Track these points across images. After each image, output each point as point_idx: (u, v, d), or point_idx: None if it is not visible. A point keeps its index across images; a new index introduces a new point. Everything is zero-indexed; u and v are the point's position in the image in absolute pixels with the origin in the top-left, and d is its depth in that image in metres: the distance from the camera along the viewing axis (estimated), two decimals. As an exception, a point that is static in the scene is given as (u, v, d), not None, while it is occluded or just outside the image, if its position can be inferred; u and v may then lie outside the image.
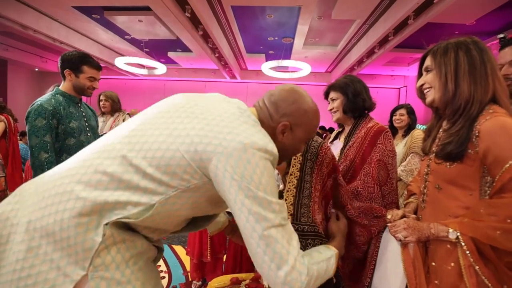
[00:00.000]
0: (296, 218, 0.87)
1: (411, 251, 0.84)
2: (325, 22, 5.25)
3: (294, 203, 0.90)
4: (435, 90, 0.86)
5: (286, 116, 0.75)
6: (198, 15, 4.49)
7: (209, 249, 1.91)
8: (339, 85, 1.30)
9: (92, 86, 1.60)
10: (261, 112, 0.77)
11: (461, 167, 0.80)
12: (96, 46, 6.93)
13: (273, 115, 0.75)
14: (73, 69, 1.54)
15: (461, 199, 0.81)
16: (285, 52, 6.94)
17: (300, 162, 0.96)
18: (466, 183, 0.80)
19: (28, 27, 5.08)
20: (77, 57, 1.54)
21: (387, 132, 1.22)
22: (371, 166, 1.17)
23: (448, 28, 4.81)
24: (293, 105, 0.76)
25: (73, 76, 1.55)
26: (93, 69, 1.57)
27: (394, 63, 7.68)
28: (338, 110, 1.30)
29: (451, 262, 0.77)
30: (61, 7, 4.83)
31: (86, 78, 1.56)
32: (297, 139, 0.77)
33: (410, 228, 0.85)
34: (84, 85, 1.57)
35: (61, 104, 1.49)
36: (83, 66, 1.54)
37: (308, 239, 0.85)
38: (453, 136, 0.81)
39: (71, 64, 1.54)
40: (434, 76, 0.87)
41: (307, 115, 0.77)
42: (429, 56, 0.90)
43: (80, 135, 1.52)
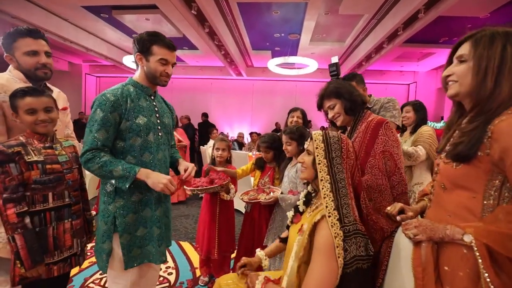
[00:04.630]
0: (341, 221, 0.88)
1: (423, 252, 0.81)
2: (332, 17, 5.17)
3: (337, 206, 0.89)
4: (462, 85, 0.77)
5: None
6: (204, 12, 4.49)
7: (217, 247, 1.93)
8: (330, 91, 1.31)
9: (165, 72, 1.24)
10: None
11: (468, 168, 0.76)
12: (104, 45, 7.01)
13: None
14: (143, 52, 1.21)
15: (463, 201, 0.78)
16: (292, 48, 6.89)
17: (326, 165, 0.95)
18: (470, 185, 0.76)
19: (38, 27, 5.16)
20: (146, 36, 1.21)
21: (387, 123, 1.22)
22: (376, 158, 1.17)
23: (460, 22, 4.67)
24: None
25: (144, 61, 1.23)
26: (163, 49, 1.21)
27: (403, 59, 7.54)
28: (340, 114, 1.31)
29: (467, 269, 0.72)
30: (70, 7, 4.89)
31: (157, 61, 1.21)
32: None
33: (421, 226, 0.81)
34: (156, 70, 1.22)
35: (129, 95, 1.20)
36: (153, 46, 1.20)
37: (352, 238, 0.86)
38: (465, 136, 0.76)
39: (140, 45, 1.21)
40: (467, 69, 0.76)
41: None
42: (468, 44, 0.77)
43: (148, 134, 1.22)
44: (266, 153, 1.91)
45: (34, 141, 1.15)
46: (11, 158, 1.05)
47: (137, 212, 1.21)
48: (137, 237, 1.21)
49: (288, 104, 2.02)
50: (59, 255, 1.17)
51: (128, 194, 1.19)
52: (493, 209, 0.73)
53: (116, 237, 1.18)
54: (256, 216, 1.88)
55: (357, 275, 0.84)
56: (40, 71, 1.29)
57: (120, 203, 1.18)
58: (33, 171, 1.09)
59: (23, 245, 1.04)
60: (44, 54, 1.30)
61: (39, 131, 1.16)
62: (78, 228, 1.25)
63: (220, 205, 1.95)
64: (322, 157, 0.96)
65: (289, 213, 1.16)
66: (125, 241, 1.18)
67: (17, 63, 1.27)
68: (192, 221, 3.45)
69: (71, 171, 1.24)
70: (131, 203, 1.20)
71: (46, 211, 1.14)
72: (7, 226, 1.05)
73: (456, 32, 5.37)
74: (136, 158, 1.20)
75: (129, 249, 1.19)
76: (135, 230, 1.21)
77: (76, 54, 7.91)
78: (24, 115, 1.13)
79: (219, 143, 2.04)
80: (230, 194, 1.90)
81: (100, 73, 9.85)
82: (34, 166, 1.10)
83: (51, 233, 1.15)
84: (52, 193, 1.16)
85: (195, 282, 2.10)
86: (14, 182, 1.05)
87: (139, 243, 1.22)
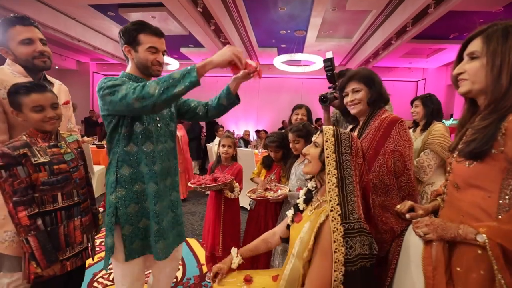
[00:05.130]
0: (344, 217, 0.86)
1: (433, 251, 0.79)
2: (339, 13, 5.10)
3: (340, 202, 0.88)
4: (475, 83, 0.74)
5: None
6: (210, 9, 4.48)
7: (221, 244, 1.94)
8: (362, 75, 1.24)
9: (156, 60, 1.18)
10: None
11: (481, 167, 0.74)
12: (111, 43, 7.08)
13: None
14: (130, 43, 1.16)
15: (477, 201, 0.75)
16: (298, 45, 6.83)
17: (334, 159, 0.93)
18: (485, 185, 0.74)
19: (48, 26, 5.24)
20: (131, 26, 1.15)
21: (401, 122, 1.17)
22: (385, 158, 1.13)
23: (472, 16, 4.56)
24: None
25: (132, 52, 1.17)
26: (151, 36, 1.15)
27: (412, 55, 7.40)
28: (361, 102, 1.23)
29: (480, 270, 0.70)
30: (78, 5, 4.94)
31: (146, 50, 1.15)
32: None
33: (432, 225, 0.80)
34: (146, 59, 1.16)
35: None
36: (139, 35, 1.14)
37: (356, 236, 0.84)
38: (478, 133, 0.74)
39: (126, 37, 1.15)
40: (480, 67, 0.73)
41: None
42: (479, 40, 0.74)
43: (149, 124, 1.21)
44: (276, 152, 1.89)
45: (38, 140, 1.12)
46: (18, 160, 1.03)
47: (139, 202, 1.18)
48: (139, 229, 1.19)
49: (294, 101, 2.02)
50: (71, 251, 1.20)
51: (129, 184, 1.16)
52: (509, 208, 0.71)
53: (117, 230, 1.16)
54: (262, 213, 1.87)
55: (361, 274, 0.83)
56: (38, 60, 1.22)
57: (122, 193, 1.15)
58: (40, 173, 1.08)
59: (37, 246, 1.06)
60: (40, 42, 1.22)
61: (47, 129, 1.14)
62: (87, 224, 1.27)
63: (225, 203, 1.96)
64: (331, 151, 0.94)
65: (289, 212, 1.15)
66: (128, 232, 1.16)
67: (14, 55, 1.20)
68: (199, 218, 3.47)
69: (78, 169, 1.24)
70: (133, 192, 1.17)
71: (56, 210, 1.15)
72: (19, 228, 1.05)
73: (467, 27, 5.24)
74: (138, 146, 1.17)
75: (131, 241, 1.17)
76: (137, 222, 1.18)
77: (84, 53, 8.00)
78: (30, 112, 1.09)
79: (225, 140, 2.04)
80: (235, 192, 1.90)
81: (107, 71, 9.95)
82: (41, 168, 1.08)
83: (62, 231, 1.16)
84: (61, 193, 1.16)
85: (202, 278, 2.12)
86: (22, 185, 1.04)
87: (141, 235, 1.20)
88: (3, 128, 1.16)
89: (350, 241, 0.84)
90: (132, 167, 1.17)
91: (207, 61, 1.05)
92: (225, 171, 2.02)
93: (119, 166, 1.16)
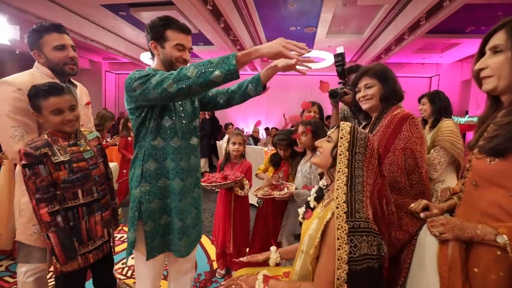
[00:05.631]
0: (350, 215, 0.84)
1: (449, 251, 0.77)
2: (350, 8, 5.01)
3: (347, 200, 0.86)
4: (501, 78, 0.72)
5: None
6: (220, 7, 4.48)
7: (232, 241, 1.95)
8: (376, 71, 1.21)
9: (182, 58, 1.16)
10: None
11: (503, 164, 0.71)
12: (123, 43, 7.19)
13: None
14: (157, 39, 1.14)
15: (497, 199, 0.73)
16: (308, 42, 6.76)
17: (347, 157, 0.91)
18: (506, 183, 0.71)
19: (62, 27, 5.37)
20: (159, 21, 1.13)
21: (413, 118, 1.14)
22: (395, 155, 1.11)
23: (489, 9, 4.39)
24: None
25: (159, 48, 1.15)
26: (178, 33, 1.14)
27: (425, 50, 7.20)
28: (373, 97, 1.22)
29: (500, 271, 0.68)
30: (90, 5, 5.04)
31: (173, 47, 1.14)
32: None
33: (448, 225, 0.77)
34: (172, 56, 1.14)
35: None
36: (166, 31, 1.13)
37: (363, 235, 0.82)
38: (501, 129, 0.71)
39: (154, 32, 1.14)
40: (504, 61, 0.71)
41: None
42: (503, 33, 0.71)
43: (175, 118, 1.20)
44: (285, 150, 1.89)
45: (58, 139, 1.17)
46: (39, 159, 1.08)
47: (163, 198, 1.17)
48: (160, 225, 1.18)
49: (304, 99, 2.00)
50: (93, 244, 1.26)
51: (154, 179, 1.15)
52: None
53: (140, 225, 1.15)
54: (270, 211, 1.87)
55: (368, 274, 0.82)
56: (68, 66, 1.30)
57: (146, 187, 1.14)
58: (61, 171, 1.13)
59: (57, 242, 1.11)
60: (71, 48, 1.31)
61: (66, 131, 1.18)
62: (107, 218, 1.34)
63: (234, 200, 1.97)
64: (345, 148, 0.92)
65: (300, 210, 1.14)
66: (149, 229, 1.15)
67: (46, 59, 1.27)
68: (209, 214, 3.51)
69: (97, 166, 1.28)
70: (157, 188, 1.16)
71: (78, 206, 1.20)
72: (41, 224, 1.11)
73: (485, 21, 5.05)
74: (165, 141, 1.16)
75: (152, 238, 1.16)
76: (159, 218, 1.17)
77: (96, 52, 8.16)
78: (50, 115, 1.14)
79: (235, 138, 2.05)
80: (245, 190, 1.91)
81: (119, 70, 10.13)
82: (62, 167, 1.14)
83: (84, 226, 1.22)
84: (81, 190, 1.21)
85: (212, 274, 2.14)
86: (44, 183, 1.09)
87: (162, 232, 1.19)
88: (33, 127, 1.23)
89: (355, 239, 0.82)
90: (158, 162, 1.16)
91: (252, 49, 0.99)
92: (235, 169, 2.03)
93: (145, 160, 1.15)
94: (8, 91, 1.18)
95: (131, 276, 2.04)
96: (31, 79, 1.23)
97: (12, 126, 1.17)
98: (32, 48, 1.26)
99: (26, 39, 1.27)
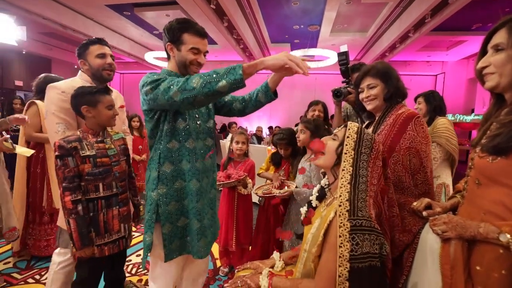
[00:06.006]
0: (353, 213, 0.85)
1: (451, 249, 0.77)
2: (354, 6, 4.98)
3: (350, 198, 0.87)
4: (503, 76, 0.72)
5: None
6: (223, 6, 4.49)
7: (234, 239, 1.96)
8: (378, 70, 1.20)
9: (196, 61, 1.17)
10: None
11: (506, 162, 0.70)
12: (127, 42, 7.25)
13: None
14: (174, 42, 1.15)
15: (501, 198, 0.72)
16: (311, 40, 6.74)
17: (352, 157, 0.92)
18: (509, 181, 0.70)
19: (67, 27, 5.43)
20: (176, 24, 1.14)
21: (418, 118, 1.13)
22: (400, 154, 1.10)
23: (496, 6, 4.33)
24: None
25: (175, 50, 1.17)
26: (195, 37, 1.14)
27: (430, 48, 7.14)
28: (377, 97, 1.21)
29: (502, 270, 0.68)
30: (95, 6, 5.09)
31: (189, 51, 1.14)
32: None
33: (451, 223, 0.77)
34: (187, 59, 1.15)
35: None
36: (183, 35, 1.13)
37: (365, 234, 0.83)
38: (504, 127, 0.71)
39: (171, 35, 1.15)
40: (506, 58, 0.71)
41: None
42: (504, 31, 0.72)
43: (190, 120, 1.20)
44: (286, 150, 1.89)
45: (89, 135, 1.31)
46: (69, 152, 1.22)
47: (179, 200, 1.17)
48: (178, 228, 1.17)
49: (307, 97, 1.99)
50: (109, 237, 1.34)
51: (170, 181, 1.15)
52: None
53: (157, 228, 1.15)
54: (271, 210, 1.88)
55: (370, 272, 0.82)
56: (105, 72, 1.48)
57: (163, 190, 1.14)
58: (86, 164, 1.26)
59: (75, 228, 1.21)
60: (110, 57, 1.51)
61: (111, 124, 1.38)
62: (125, 214, 1.41)
63: (238, 199, 1.98)
64: (351, 148, 0.92)
65: (303, 209, 1.15)
66: (167, 231, 1.14)
67: (89, 65, 1.48)
68: (212, 213, 3.52)
69: (119, 163, 1.38)
70: (174, 190, 1.16)
71: (98, 199, 1.30)
72: (64, 210, 1.23)
73: (491, 18, 4.99)
74: (180, 143, 1.16)
75: (170, 241, 1.15)
76: (176, 220, 1.17)
77: (101, 52, 8.24)
78: (105, 109, 1.32)
79: (238, 136, 2.05)
80: (248, 188, 1.91)
81: (124, 69, 10.21)
82: (87, 160, 1.26)
83: (102, 218, 1.31)
84: (102, 184, 1.31)
85: (216, 272, 2.16)
86: (71, 174, 1.22)
87: (180, 234, 1.18)
88: (73, 124, 1.41)
89: (357, 237, 0.82)
90: (173, 164, 1.16)
91: (257, 61, 1.01)
92: (238, 167, 2.04)
93: (161, 163, 1.15)
94: (54, 94, 1.37)
95: (135, 274, 2.06)
96: (74, 84, 1.41)
97: (57, 123, 1.36)
98: (80, 57, 1.49)
99: (76, 52, 1.48)
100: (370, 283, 0.82)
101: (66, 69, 9.38)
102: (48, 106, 1.38)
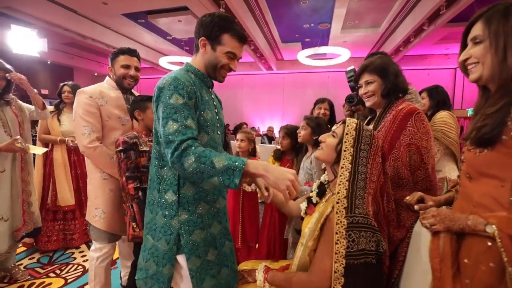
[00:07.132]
0: (350, 210, 0.86)
1: (441, 243, 0.77)
2: (364, 2, 4.89)
3: (348, 195, 0.88)
4: (484, 66, 0.73)
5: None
6: (232, 9, 4.56)
7: (240, 236, 2.00)
8: (375, 66, 1.19)
9: (229, 66, 1.06)
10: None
11: (492, 154, 0.70)
12: (142, 49, 7.51)
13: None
14: (211, 39, 1.02)
15: (489, 190, 0.72)
16: (322, 38, 6.67)
17: (351, 154, 0.92)
18: (496, 173, 0.70)
19: (87, 36, 5.73)
20: (219, 20, 1.00)
21: (418, 113, 1.11)
22: (400, 151, 1.09)
23: (516, -7, 4.10)
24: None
25: (208, 47, 1.03)
26: (235, 40, 1.02)
27: (448, 40, 6.82)
28: (375, 94, 1.20)
29: (490, 262, 0.68)
30: (112, 15, 5.34)
31: (225, 53, 1.02)
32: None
33: (439, 216, 0.77)
34: (220, 61, 1.03)
35: (194, 84, 1.00)
36: (223, 35, 1.00)
37: (361, 231, 0.84)
38: (488, 119, 0.71)
39: (209, 30, 1.01)
40: (484, 49, 0.72)
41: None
42: (480, 23, 0.73)
43: (214, 131, 1.06)
44: (283, 139, 1.92)
45: (142, 135, 1.51)
46: (132, 147, 1.44)
47: (205, 228, 1.00)
48: (209, 263, 1.00)
49: (320, 96, 1.98)
50: None
51: (193, 206, 0.98)
52: None
53: (181, 260, 0.98)
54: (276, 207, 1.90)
55: (366, 269, 0.82)
56: (126, 81, 1.61)
57: (184, 216, 0.97)
58: (142, 158, 1.46)
59: (138, 211, 1.38)
60: (134, 69, 1.63)
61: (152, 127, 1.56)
62: None
63: (243, 196, 2.02)
64: (350, 145, 0.93)
65: (302, 205, 1.16)
66: (195, 267, 0.97)
67: (114, 73, 1.61)
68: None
69: None
70: (197, 216, 0.99)
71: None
72: (128, 196, 1.41)
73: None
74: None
75: (200, 279, 0.97)
76: (205, 253, 0.99)
77: (119, 59, 8.60)
78: (151, 114, 1.49)
79: (239, 135, 2.09)
80: (252, 186, 1.95)
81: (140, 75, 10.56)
82: (144, 154, 1.46)
83: None
84: None
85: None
86: (132, 165, 1.43)
87: (212, 271, 1.00)
88: (98, 127, 1.53)
89: (353, 234, 0.83)
90: (195, 184, 0.99)
91: (262, 172, 0.85)
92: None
93: (180, 184, 0.98)
94: (82, 98, 1.50)
95: None
96: (100, 89, 1.56)
97: (83, 126, 1.48)
98: (110, 64, 1.63)
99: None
100: (365, 280, 0.83)
101: (86, 76, 9.87)
102: (76, 109, 1.51)
